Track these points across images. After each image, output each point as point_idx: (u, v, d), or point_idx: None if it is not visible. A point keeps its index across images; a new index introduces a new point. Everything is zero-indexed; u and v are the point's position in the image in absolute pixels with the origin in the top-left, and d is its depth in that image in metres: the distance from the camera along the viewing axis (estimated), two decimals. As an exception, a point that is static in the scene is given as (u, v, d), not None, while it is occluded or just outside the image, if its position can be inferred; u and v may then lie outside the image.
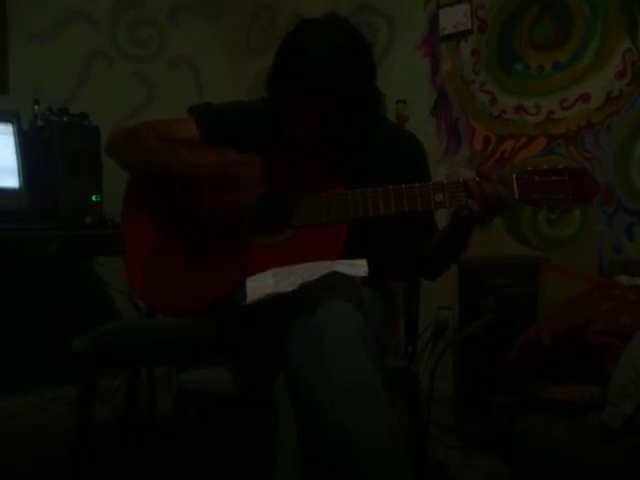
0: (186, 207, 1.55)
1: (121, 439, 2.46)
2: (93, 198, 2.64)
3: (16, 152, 2.54)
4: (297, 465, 1.23)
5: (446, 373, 2.73)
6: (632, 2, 2.43)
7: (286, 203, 1.53)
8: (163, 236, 1.58)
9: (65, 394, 2.82)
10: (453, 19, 2.91)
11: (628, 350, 1.65)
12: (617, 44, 2.47)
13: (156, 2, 3.49)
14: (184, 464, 1.85)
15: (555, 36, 2.64)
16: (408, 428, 1.74)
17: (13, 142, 2.54)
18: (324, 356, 1.21)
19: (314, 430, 1.20)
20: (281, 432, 1.26)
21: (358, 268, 1.32)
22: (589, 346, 1.76)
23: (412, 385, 1.78)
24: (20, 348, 2.86)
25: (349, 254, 1.44)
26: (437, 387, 2.54)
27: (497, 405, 2.08)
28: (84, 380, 2.05)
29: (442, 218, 1.78)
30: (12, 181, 2.52)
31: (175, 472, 1.92)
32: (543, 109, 2.67)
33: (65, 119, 2.65)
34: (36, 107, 2.78)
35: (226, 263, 1.52)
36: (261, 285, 1.35)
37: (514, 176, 1.46)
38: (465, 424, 2.45)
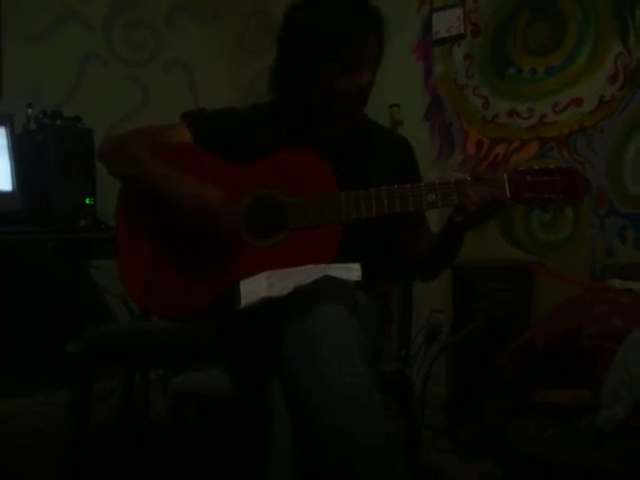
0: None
1: (117, 441, 2.46)
2: (87, 201, 2.64)
3: (9, 155, 2.54)
4: (292, 467, 1.24)
5: (439, 377, 2.73)
6: (624, 6, 2.44)
7: (280, 205, 1.54)
8: (157, 239, 1.58)
9: (62, 396, 2.81)
10: (446, 23, 2.91)
11: (620, 353, 1.65)
12: (609, 48, 2.48)
13: (151, 5, 3.48)
14: (180, 466, 1.85)
15: (548, 40, 2.65)
16: (401, 432, 1.74)
17: (6, 145, 2.53)
18: (320, 360, 1.21)
19: (310, 433, 1.20)
20: (276, 434, 1.27)
21: (351, 272, 1.33)
22: (582, 350, 1.77)
23: (405, 388, 1.79)
24: (18, 350, 2.85)
25: (343, 256, 1.44)
26: (431, 391, 2.54)
27: (490, 409, 2.09)
28: (79, 383, 2.05)
29: (435, 221, 1.79)
30: (5, 184, 2.51)
31: (171, 474, 1.92)
32: (536, 113, 2.68)
33: (58, 122, 2.65)
34: (29, 110, 2.77)
35: (220, 265, 1.52)
36: (255, 288, 1.36)
37: (505, 176, 1.47)
38: (459, 428, 2.45)
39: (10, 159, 2.54)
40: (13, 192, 2.53)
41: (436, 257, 1.68)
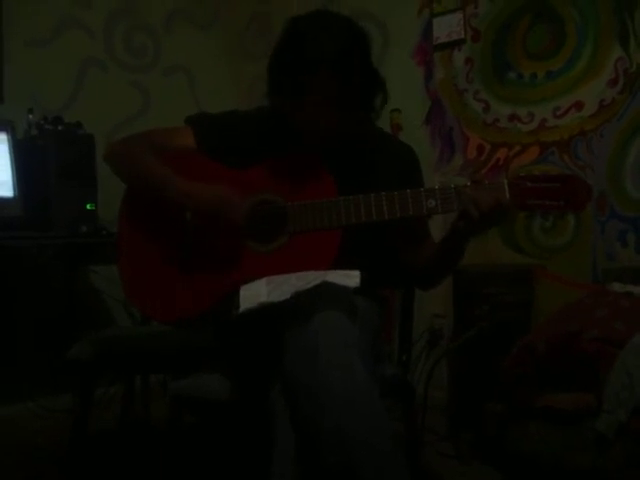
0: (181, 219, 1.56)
1: (118, 446, 2.45)
2: (88, 207, 2.63)
3: (10, 161, 2.54)
4: (294, 470, 1.24)
5: (441, 381, 2.72)
6: (623, 10, 2.44)
7: (280, 210, 1.54)
8: (158, 244, 1.58)
9: (64, 401, 2.81)
10: (446, 28, 2.92)
11: (622, 357, 1.65)
12: (609, 52, 2.49)
13: (151, 9, 3.48)
14: (180, 471, 1.84)
15: (548, 45, 2.65)
16: (402, 436, 1.73)
17: (7, 151, 2.54)
18: (321, 366, 1.21)
19: (311, 436, 1.20)
20: (278, 438, 1.26)
21: (351, 279, 1.33)
22: (583, 353, 1.77)
23: (407, 393, 1.78)
24: (19, 355, 2.85)
25: (343, 260, 1.44)
26: (432, 395, 2.54)
27: (491, 413, 2.08)
28: (80, 388, 2.05)
29: (436, 226, 1.79)
30: (6, 190, 2.51)
31: (171, 479, 1.92)
32: (536, 117, 2.68)
33: (59, 128, 2.65)
34: (30, 116, 2.77)
35: (220, 270, 1.52)
36: (254, 294, 1.36)
37: (506, 181, 1.46)
38: (460, 432, 2.45)
39: (11, 165, 2.54)
40: (14, 198, 2.52)
41: (436, 265, 1.67)
